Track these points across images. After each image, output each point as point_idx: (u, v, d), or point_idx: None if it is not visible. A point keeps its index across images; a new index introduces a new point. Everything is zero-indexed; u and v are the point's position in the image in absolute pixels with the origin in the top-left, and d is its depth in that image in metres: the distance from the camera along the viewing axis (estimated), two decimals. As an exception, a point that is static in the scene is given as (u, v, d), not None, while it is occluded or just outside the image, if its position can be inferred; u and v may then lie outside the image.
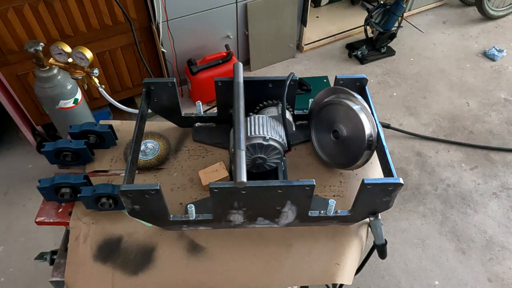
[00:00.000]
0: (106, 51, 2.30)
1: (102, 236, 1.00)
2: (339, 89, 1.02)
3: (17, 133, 2.56)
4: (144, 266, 0.97)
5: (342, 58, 3.17)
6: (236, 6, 2.59)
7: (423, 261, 2.03)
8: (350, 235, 1.01)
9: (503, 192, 2.31)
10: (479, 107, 2.81)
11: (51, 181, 0.96)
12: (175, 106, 1.12)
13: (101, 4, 2.09)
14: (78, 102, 1.96)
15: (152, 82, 1.04)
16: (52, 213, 1.03)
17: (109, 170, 1.11)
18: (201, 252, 0.98)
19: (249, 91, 1.05)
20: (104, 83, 2.41)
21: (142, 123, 0.99)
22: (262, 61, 3.04)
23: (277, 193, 0.85)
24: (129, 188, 0.82)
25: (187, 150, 1.15)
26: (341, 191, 1.06)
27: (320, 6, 3.58)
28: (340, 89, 1.02)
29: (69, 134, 1.09)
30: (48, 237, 2.09)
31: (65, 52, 1.68)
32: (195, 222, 0.95)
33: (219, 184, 0.82)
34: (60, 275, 1.00)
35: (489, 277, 1.98)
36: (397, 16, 2.96)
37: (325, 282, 0.98)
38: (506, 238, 2.11)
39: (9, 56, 2.02)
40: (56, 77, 1.82)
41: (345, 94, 1.00)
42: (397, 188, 0.86)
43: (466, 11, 3.67)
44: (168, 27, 2.40)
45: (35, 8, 1.94)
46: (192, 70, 2.53)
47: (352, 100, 0.98)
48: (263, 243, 0.99)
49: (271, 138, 0.92)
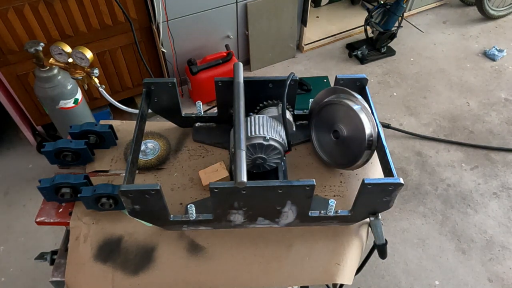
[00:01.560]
0: (106, 51, 2.30)
1: (102, 236, 1.00)
2: (339, 89, 1.02)
3: (17, 133, 2.56)
4: (144, 266, 0.97)
5: (342, 58, 3.17)
6: (236, 6, 2.59)
7: (423, 261, 2.03)
8: (351, 235, 1.01)
9: (503, 192, 2.31)
10: (479, 107, 2.81)
11: (52, 181, 0.96)
12: (175, 106, 1.12)
13: (101, 4, 2.09)
14: (78, 102, 1.96)
15: (152, 82, 1.04)
16: (52, 213, 1.03)
17: (109, 170, 1.11)
18: (201, 252, 0.98)
19: (249, 91, 1.05)
20: (104, 83, 2.41)
21: (142, 123, 0.99)
22: (262, 61, 3.04)
23: (277, 193, 0.85)
24: (129, 188, 0.82)
25: (187, 150, 1.15)
26: (341, 191, 1.06)
27: (320, 6, 3.58)
28: (340, 89, 1.02)
29: (69, 134, 1.09)
30: (48, 237, 2.09)
31: (65, 52, 1.68)
32: (195, 222, 0.95)
33: (219, 184, 0.82)
34: (61, 275, 1.00)
35: (489, 277, 1.98)
36: (397, 16, 2.96)
37: (325, 282, 0.98)
38: (506, 238, 2.11)
39: (9, 56, 2.02)
40: (56, 77, 1.82)
41: (345, 94, 1.00)
42: (397, 188, 0.86)
43: (466, 11, 3.67)
44: (168, 27, 2.40)
45: (35, 8, 1.94)
46: (192, 70, 2.53)
47: (352, 100, 0.98)
48: (263, 243, 0.99)
49: (271, 138, 0.92)
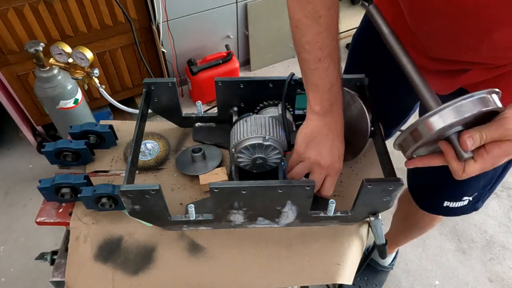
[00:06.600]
0: (106, 51, 2.30)
1: (102, 236, 1.00)
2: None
3: (17, 133, 2.56)
4: (145, 266, 0.97)
5: (342, 58, 3.16)
6: (236, 6, 2.59)
7: (423, 261, 2.03)
8: (351, 235, 1.01)
9: (503, 192, 2.31)
10: (479, 107, 2.81)
11: (52, 181, 0.96)
12: (175, 106, 1.12)
13: (101, 4, 2.09)
14: (79, 102, 1.96)
15: (152, 82, 1.04)
16: (52, 213, 1.03)
17: (110, 170, 1.11)
18: (202, 252, 0.98)
19: (249, 91, 1.05)
20: (104, 83, 2.41)
21: (142, 123, 0.99)
22: (262, 61, 3.04)
23: (277, 193, 0.85)
24: (129, 188, 0.82)
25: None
26: (341, 191, 1.06)
27: (320, 6, 3.58)
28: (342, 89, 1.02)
29: (70, 134, 1.09)
30: (48, 237, 2.09)
31: (65, 52, 1.68)
32: (195, 222, 0.95)
33: (219, 184, 0.83)
34: (61, 275, 1.00)
35: (489, 277, 1.98)
36: (397, 16, 2.95)
37: (325, 282, 0.98)
38: (506, 238, 2.11)
39: (10, 57, 2.02)
40: (56, 77, 1.82)
41: (345, 94, 1.00)
42: (397, 188, 0.86)
43: (466, 10, 3.67)
44: (168, 27, 2.40)
45: (35, 8, 1.94)
46: (193, 70, 2.53)
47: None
48: (263, 243, 0.99)
49: (271, 138, 0.92)
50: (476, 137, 0.69)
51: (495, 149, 0.70)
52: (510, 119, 0.69)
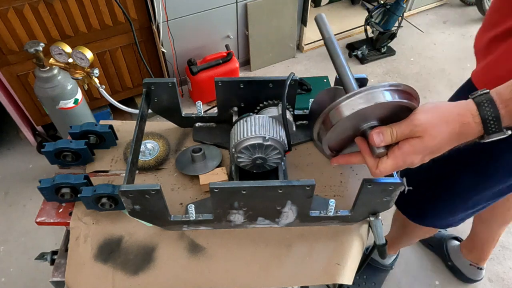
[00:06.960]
0: (106, 51, 2.30)
1: (102, 236, 1.00)
2: (340, 89, 1.02)
3: (17, 133, 2.56)
4: (145, 266, 0.97)
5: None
6: (236, 6, 2.59)
7: (423, 261, 2.03)
8: (351, 235, 1.01)
9: (503, 192, 2.31)
10: (479, 107, 2.81)
11: (52, 181, 0.96)
12: (175, 106, 1.12)
13: (101, 4, 2.09)
14: (79, 102, 1.96)
15: (152, 82, 1.04)
16: (52, 213, 1.03)
17: (110, 170, 1.11)
18: (202, 252, 0.98)
19: (249, 91, 1.05)
20: (105, 83, 2.41)
21: (142, 123, 0.99)
22: (262, 61, 3.04)
23: (277, 193, 0.85)
24: (129, 188, 0.82)
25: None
26: (341, 191, 1.06)
27: (320, 6, 3.58)
28: (341, 89, 1.02)
29: (70, 134, 1.09)
30: (48, 237, 2.09)
31: (65, 52, 1.68)
32: (195, 222, 0.95)
33: (219, 184, 0.83)
34: (61, 275, 1.00)
35: (489, 277, 1.98)
36: (397, 16, 2.96)
37: (325, 282, 0.98)
38: (506, 238, 2.11)
39: (9, 56, 2.02)
40: (56, 77, 1.82)
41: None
42: (397, 188, 0.86)
43: (467, 11, 3.67)
44: (168, 27, 2.40)
45: (35, 8, 1.94)
46: (192, 70, 2.53)
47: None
48: (263, 243, 0.99)
49: (271, 138, 0.92)
50: (386, 133, 0.70)
51: (405, 146, 0.70)
52: (419, 116, 0.70)
